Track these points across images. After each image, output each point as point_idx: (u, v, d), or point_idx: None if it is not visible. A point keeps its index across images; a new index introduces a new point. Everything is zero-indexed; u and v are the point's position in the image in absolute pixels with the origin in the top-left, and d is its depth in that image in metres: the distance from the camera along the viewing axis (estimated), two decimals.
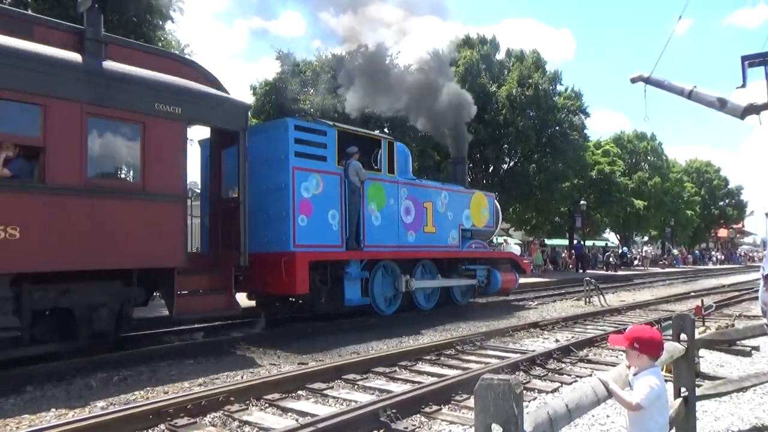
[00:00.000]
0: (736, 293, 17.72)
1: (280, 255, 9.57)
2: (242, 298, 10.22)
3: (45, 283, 6.87)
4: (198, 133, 19.91)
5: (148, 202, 7.51)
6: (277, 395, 5.83)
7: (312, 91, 19.61)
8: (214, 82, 8.65)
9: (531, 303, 15.97)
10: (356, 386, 6.39)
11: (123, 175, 8.01)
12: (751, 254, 67.70)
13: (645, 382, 2.85)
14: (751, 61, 13.68)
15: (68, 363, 7.02)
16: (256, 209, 9.43)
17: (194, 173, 11.18)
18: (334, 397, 5.91)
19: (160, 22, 16.53)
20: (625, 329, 3.33)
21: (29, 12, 8.09)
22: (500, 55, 32.70)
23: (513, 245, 24.31)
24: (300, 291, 9.62)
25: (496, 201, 15.62)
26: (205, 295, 8.55)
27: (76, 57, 7.02)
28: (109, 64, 7.32)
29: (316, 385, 6.24)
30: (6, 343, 6.51)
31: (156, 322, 10.75)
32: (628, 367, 3.03)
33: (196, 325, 10.51)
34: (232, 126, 8.70)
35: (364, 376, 6.80)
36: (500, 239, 20.24)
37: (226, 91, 8.74)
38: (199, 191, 12.02)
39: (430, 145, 24.86)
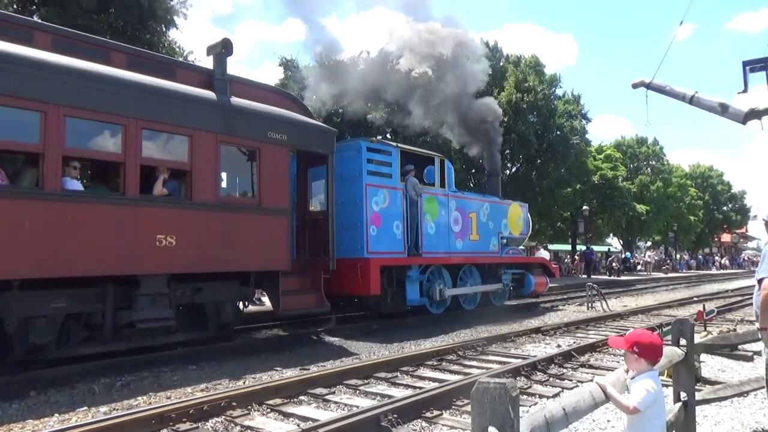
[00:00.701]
0: (739, 298, 17.67)
1: (356, 261, 10.83)
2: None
3: (184, 283, 8.24)
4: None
5: (263, 215, 8.97)
6: (278, 400, 5.86)
7: (314, 97, 19.79)
8: (305, 110, 10.40)
9: (535, 307, 15.97)
10: (358, 391, 6.42)
11: (244, 193, 9.54)
12: (754, 259, 67.47)
13: (642, 386, 2.87)
14: (753, 66, 13.73)
15: (71, 368, 7.07)
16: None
17: None
18: (335, 402, 5.93)
19: (164, 28, 16.65)
20: (617, 336, 3.36)
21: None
22: (501, 61, 32.79)
23: (543, 251, 24.80)
24: (373, 292, 10.89)
25: (527, 211, 16.97)
26: (301, 295, 9.87)
27: (211, 95, 8.52)
28: (234, 100, 8.82)
29: (318, 390, 6.27)
30: (158, 331, 8.05)
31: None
32: (627, 371, 3.05)
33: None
34: (323, 149, 10.16)
35: (366, 381, 6.82)
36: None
37: (314, 118, 10.35)
38: None
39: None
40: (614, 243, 55.58)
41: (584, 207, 35.85)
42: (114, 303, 7.46)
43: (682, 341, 4.39)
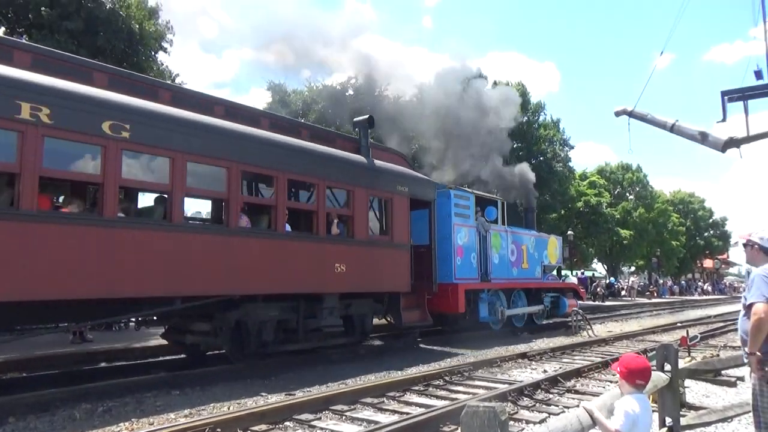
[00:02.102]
0: (722, 324, 17.85)
1: (448, 285, 13.33)
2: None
3: (344, 300, 10.69)
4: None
5: (393, 249, 11.57)
6: (264, 426, 5.80)
7: (302, 120, 19.99)
8: (411, 164, 13.39)
9: (520, 333, 15.98)
10: (344, 417, 6.36)
11: (382, 232, 11.74)
12: (736, 285, 68.24)
13: (622, 407, 2.91)
14: (731, 96, 14.10)
15: (52, 393, 6.93)
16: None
17: None
18: (321, 429, 5.88)
19: (152, 53, 16.74)
20: (613, 360, 3.42)
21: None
22: (487, 87, 33.26)
23: (571, 277, 26.63)
24: (461, 310, 13.57)
25: (562, 242, 19.78)
26: (413, 311, 12.35)
27: (362, 159, 11.19)
28: (377, 162, 11.52)
29: (304, 416, 6.21)
30: (327, 335, 10.54)
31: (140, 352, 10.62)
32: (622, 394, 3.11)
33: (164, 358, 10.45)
34: (428, 197, 12.85)
35: (352, 406, 6.76)
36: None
37: (415, 169, 13.35)
38: None
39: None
40: (598, 268, 55.94)
41: (569, 232, 36.15)
42: (304, 313, 9.98)
43: (667, 366, 4.44)
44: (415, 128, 23.17)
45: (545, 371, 9.33)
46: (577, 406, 6.59)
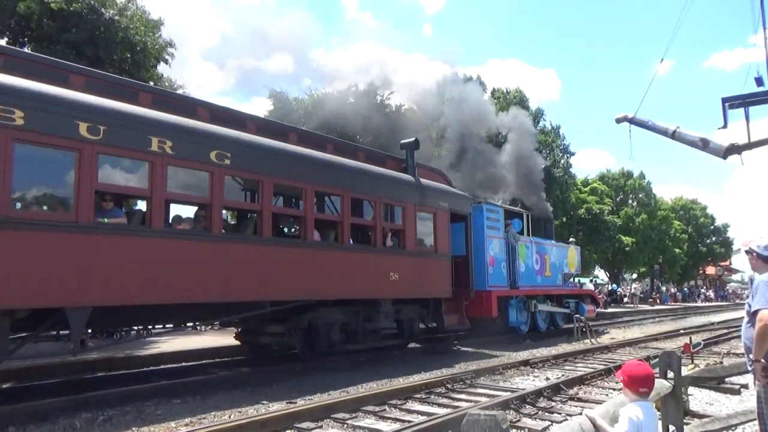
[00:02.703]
0: (725, 331, 17.77)
1: (482, 292, 14.55)
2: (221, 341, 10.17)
3: (395, 305, 11.83)
4: None
5: (437, 259, 12.77)
6: None
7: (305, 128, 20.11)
8: (449, 181, 14.61)
9: (523, 340, 15.92)
10: (345, 425, 6.33)
11: (427, 244, 12.77)
12: (739, 291, 67.98)
13: (625, 413, 2.89)
14: (732, 102, 14.10)
15: (52, 402, 6.91)
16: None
17: None
18: None
19: (154, 63, 16.82)
20: (615, 368, 3.40)
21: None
22: (486, 95, 33.40)
23: (589, 284, 27.85)
24: (494, 315, 14.78)
25: (579, 251, 21.31)
26: (453, 315, 13.53)
27: (411, 178, 12.51)
28: (423, 180, 12.82)
29: (305, 425, 6.17)
30: (382, 337, 11.81)
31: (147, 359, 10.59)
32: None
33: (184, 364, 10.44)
34: (465, 211, 14.14)
35: (354, 414, 6.73)
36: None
37: (453, 186, 14.46)
38: None
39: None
40: (600, 275, 55.80)
41: (570, 239, 36.08)
42: (362, 317, 11.23)
43: (670, 374, 4.41)
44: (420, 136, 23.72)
45: (547, 378, 9.28)
46: (580, 413, 6.56)
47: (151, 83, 15.83)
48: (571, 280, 20.59)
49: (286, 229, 11.74)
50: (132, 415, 6.78)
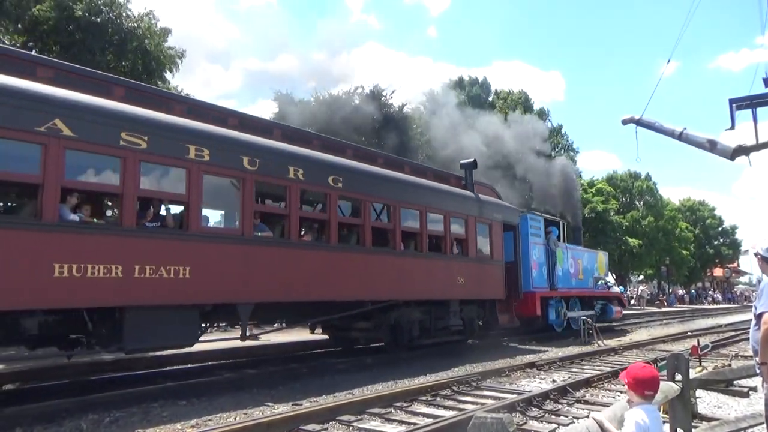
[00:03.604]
0: (733, 333, 17.65)
1: (527, 293, 16.16)
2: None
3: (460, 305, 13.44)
4: None
5: (492, 264, 14.50)
6: None
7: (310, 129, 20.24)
8: (498, 195, 16.31)
9: (529, 343, 15.87)
10: (351, 427, 6.32)
11: (485, 251, 14.32)
12: (747, 293, 67.47)
13: (630, 418, 2.87)
14: (739, 103, 14.02)
15: (59, 404, 6.93)
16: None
17: None
18: None
19: (163, 71, 17.06)
20: (623, 370, 3.36)
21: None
22: (490, 97, 33.43)
23: (616, 288, 29.08)
24: (538, 314, 16.38)
25: (607, 257, 23.91)
26: (504, 314, 15.03)
27: (470, 193, 14.21)
28: (480, 195, 14.56)
29: (310, 427, 6.16)
30: (450, 332, 13.45)
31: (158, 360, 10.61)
32: (629, 402, 3.05)
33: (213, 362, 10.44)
34: (514, 222, 15.96)
35: (359, 417, 6.71)
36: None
37: (502, 199, 16.24)
38: None
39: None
40: (607, 277, 55.44)
41: None
42: (434, 315, 12.72)
43: (678, 376, 4.38)
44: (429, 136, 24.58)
45: (554, 381, 9.24)
46: (587, 416, 6.52)
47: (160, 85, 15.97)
48: (600, 282, 21.97)
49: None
50: (138, 417, 6.79)
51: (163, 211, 8.35)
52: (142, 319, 7.45)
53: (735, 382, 7.71)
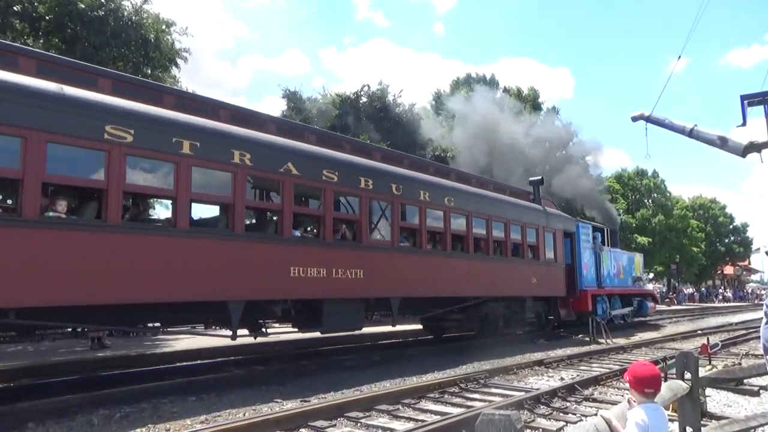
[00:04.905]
0: (743, 331, 17.51)
1: (581, 291, 18.20)
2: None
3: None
4: None
5: (556, 267, 16.92)
6: None
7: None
8: (555, 205, 19.06)
9: (537, 340, 15.84)
10: (359, 424, 6.34)
11: (550, 256, 16.56)
12: (758, 292, 66.87)
13: (632, 418, 2.87)
14: (751, 100, 13.87)
15: (70, 399, 7.01)
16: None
17: None
18: None
19: (169, 66, 17.05)
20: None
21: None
22: (498, 94, 33.31)
23: (649, 286, 33.88)
24: (590, 309, 18.10)
25: (642, 258, 26.55)
26: (564, 309, 17.56)
27: (539, 206, 16.61)
28: (547, 208, 17.05)
29: (318, 423, 6.19)
30: (525, 324, 15.87)
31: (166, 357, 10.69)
32: (629, 401, 3.05)
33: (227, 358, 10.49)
34: (572, 230, 18.26)
35: (367, 413, 6.74)
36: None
37: (557, 208, 19.03)
38: None
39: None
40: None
41: None
42: (513, 309, 15.09)
43: (687, 375, 4.36)
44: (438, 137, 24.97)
45: (562, 379, 9.22)
46: (595, 414, 6.50)
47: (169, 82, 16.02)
48: (637, 282, 24.41)
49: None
50: (148, 412, 6.85)
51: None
52: (333, 308, 9.84)
53: (745, 380, 7.67)
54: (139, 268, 7.05)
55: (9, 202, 7.49)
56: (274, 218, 9.66)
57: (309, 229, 10.86)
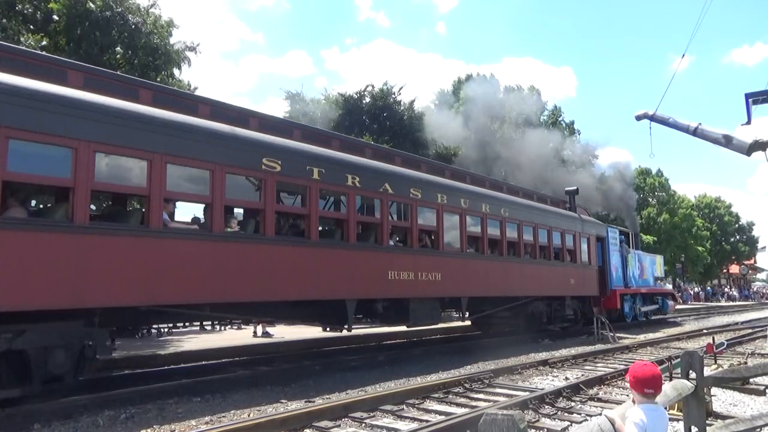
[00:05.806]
0: (749, 331, 17.44)
1: (612, 291, 20.08)
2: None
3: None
4: None
5: (590, 269, 18.79)
6: None
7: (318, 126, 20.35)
8: (588, 212, 21.16)
9: (542, 339, 15.81)
10: (363, 424, 6.34)
11: (585, 259, 18.48)
12: (764, 291, 66.55)
13: (631, 418, 2.86)
14: (756, 98, 13.85)
15: (76, 400, 7.04)
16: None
17: None
18: None
19: (173, 68, 17.07)
20: None
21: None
22: (500, 93, 33.30)
23: (669, 285, 36.29)
24: (618, 307, 20.25)
25: (663, 258, 28.75)
26: (596, 307, 18.69)
27: (575, 214, 18.60)
28: (582, 215, 19.06)
29: (323, 423, 6.20)
30: (564, 320, 17.94)
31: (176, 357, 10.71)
32: (634, 401, 3.04)
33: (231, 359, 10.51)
34: (602, 235, 20.11)
35: (372, 414, 6.74)
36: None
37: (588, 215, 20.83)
38: None
39: None
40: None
41: None
42: (552, 307, 16.83)
43: (692, 374, 4.35)
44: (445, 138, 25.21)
45: (567, 378, 9.21)
46: (600, 414, 6.49)
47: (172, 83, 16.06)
48: (659, 282, 26.51)
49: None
50: (153, 413, 6.87)
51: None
52: (418, 305, 11.58)
53: (751, 380, 7.64)
54: (292, 272, 9.05)
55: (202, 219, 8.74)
56: (374, 230, 11.18)
57: (398, 239, 12.10)
